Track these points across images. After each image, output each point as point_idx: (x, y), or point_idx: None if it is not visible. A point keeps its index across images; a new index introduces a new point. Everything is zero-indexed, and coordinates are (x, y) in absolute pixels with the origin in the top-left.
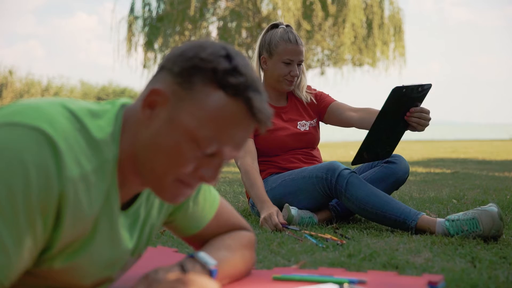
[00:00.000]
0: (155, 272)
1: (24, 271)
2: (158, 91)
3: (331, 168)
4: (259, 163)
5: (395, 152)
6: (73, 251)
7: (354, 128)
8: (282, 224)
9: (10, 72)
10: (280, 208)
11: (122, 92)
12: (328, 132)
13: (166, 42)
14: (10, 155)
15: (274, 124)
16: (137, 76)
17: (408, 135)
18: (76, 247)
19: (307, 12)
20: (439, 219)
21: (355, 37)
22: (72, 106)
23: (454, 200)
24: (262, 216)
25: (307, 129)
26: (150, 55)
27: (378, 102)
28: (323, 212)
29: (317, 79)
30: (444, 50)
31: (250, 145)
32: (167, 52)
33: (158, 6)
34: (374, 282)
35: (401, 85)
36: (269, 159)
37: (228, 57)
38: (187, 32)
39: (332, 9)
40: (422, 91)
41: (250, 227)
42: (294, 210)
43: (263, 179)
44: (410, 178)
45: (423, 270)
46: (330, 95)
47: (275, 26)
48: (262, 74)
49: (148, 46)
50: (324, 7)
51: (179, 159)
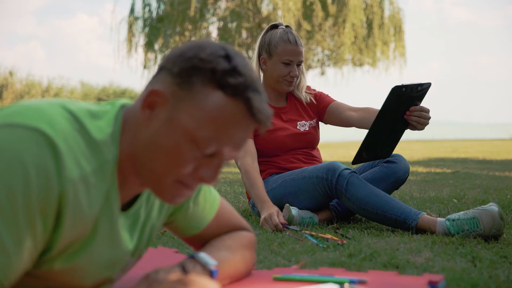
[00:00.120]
0: (156, 273)
1: (24, 272)
2: (157, 92)
3: (332, 168)
4: (259, 163)
5: (396, 152)
6: (73, 252)
7: (354, 128)
8: (282, 224)
9: (11, 73)
10: (281, 208)
11: (123, 93)
12: (328, 132)
13: (167, 42)
14: (10, 155)
15: (274, 125)
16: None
17: (408, 135)
18: (76, 248)
19: (307, 12)
20: (439, 219)
21: (355, 37)
22: (72, 107)
23: (455, 200)
24: (263, 216)
25: (307, 129)
26: (151, 55)
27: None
28: (324, 212)
29: (317, 79)
30: (444, 50)
31: (250, 145)
32: (167, 52)
33: (158, 7)
34: (374, 282)
35: (400, 84)
36: (269, 159)
37: (227, 57)
38: (187, 33)
39: (332, 9)
40: (421, 90)
41: (251, 227)
42: (294, 210)
43: (263, 180)
44: (411, 177)
45: (423, 270)
46: (330, 95)
47: (275, 26)
48: (262, 74)
49: (149, 46)
50: (324, 7)
51: (179, 160)
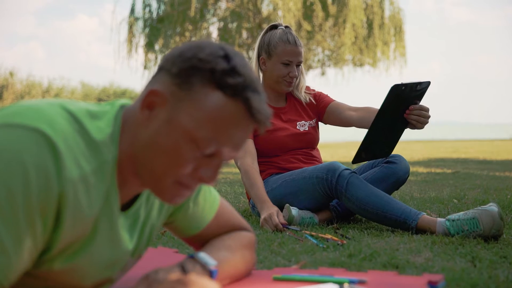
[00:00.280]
0: (155, 273)
1: (23, 272)
2: (156, 92)
3: (332, 169)
4: (259, 163)
5: (396, 152)
6: (73, 252)
7: (354, 128)
8: (282, 224)
9: (11, 74)
10: (281, 208)
11: (123, 93)
12: (328, 132)
13: (167, 43)
14: (10, 156)
15: (274, 125)
16: (138, 77)
17: (408, 135)
18: (76, 248)
19: (307, 13)
20: (439, 219)
21: (356, 37)
22: (71, 107)
23: (455, 200)
24: (262, 216)
25: (307, 129)
26: (151, 56)
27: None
28: (324, 212)
29: (318, 80)
30: (445, 50)
31: (250, 145)
32: (167, 53)
33: (159, 7)
34: (374, 282)
35: (399, 83)
36: (269, 160)
37: (226, 57)
38: (187, 33)
39: (332, 9)
40: (420, 88)
41: (251, 227)
42: (294, 211)
43: (263, 180)
44: (411, 178)
45: (423, 270)
46: (330, 95)
47: (274, 27)
48: (261, 75)
49: (149, 47)
50: (324, 7)
51: (178, 160)
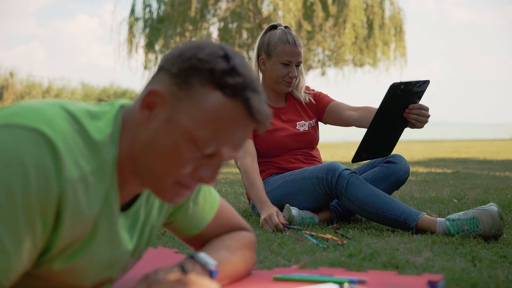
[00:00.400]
0: (155, 273)
1: (23, 272)
2: (156, 92)
3: (332, 169)
4: (259, 163)
5: (396, 152)
6: (72, 252)
7: (354, 127)
8: (283, 224)
9: (11, 74)
10: (281, 208)
11: (123, 94)
12: (328, 132)
13: (167, 43)
14: (10, 156)
15: (273, 125)
16: (138, 77)
17: (408, 134)
18: (75, 248)
19: (307, 13)
20: (439, 219)
21: (356, 37)
22: (71, 107)
23: (455, 200)
24: (262, 216)
25: (306, 129)
26: (151, 56)
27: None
28: (324, 212)
29: (318, 80)
30: (445, 50)
31: (250, 145)
32: (166, 53)
33: (159, 8)
34: (374, 282)
35: (398, 81)
36: (268, 160)
37: (226, 57)
38: (187, 33)
39: (332, 9)
40: (420, 87)
41: (251, 227)
42: (294, 211)
43: (263, 180)
44: (411, 178)
45: (423, 270)
46: (330, 95)
47: (274, 27)
48: (261, 75)
49: (149, 47)
50: (324, 7)
51: (178, 160)
